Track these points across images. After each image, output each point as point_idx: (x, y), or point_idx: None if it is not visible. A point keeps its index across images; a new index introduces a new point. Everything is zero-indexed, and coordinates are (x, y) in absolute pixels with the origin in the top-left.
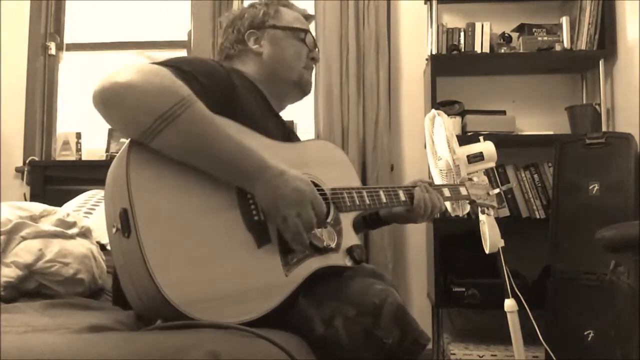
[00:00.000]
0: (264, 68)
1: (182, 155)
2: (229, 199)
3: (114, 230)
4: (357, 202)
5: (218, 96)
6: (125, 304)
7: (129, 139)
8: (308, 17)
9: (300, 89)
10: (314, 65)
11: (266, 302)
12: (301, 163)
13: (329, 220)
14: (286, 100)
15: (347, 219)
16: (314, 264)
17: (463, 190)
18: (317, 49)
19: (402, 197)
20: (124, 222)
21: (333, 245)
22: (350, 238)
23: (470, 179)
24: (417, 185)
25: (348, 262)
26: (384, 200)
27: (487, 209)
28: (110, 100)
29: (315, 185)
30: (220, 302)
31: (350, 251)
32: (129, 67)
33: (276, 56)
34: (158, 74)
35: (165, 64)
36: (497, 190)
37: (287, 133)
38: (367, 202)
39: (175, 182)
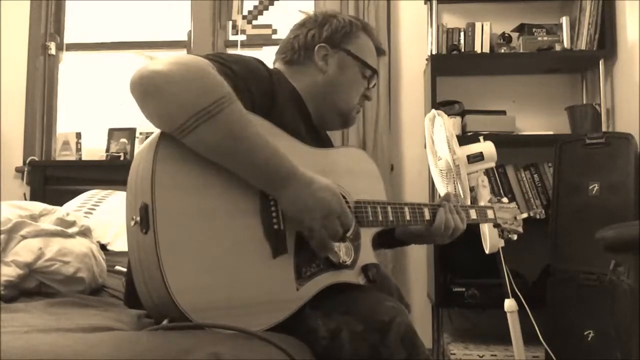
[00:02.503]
0: (319, 87)
1: (213, 154)
2: (252, 204)
3: (132, 222)
4: (380, 218)
5: (258, 96)
6: (136, 301)
7: (160, 131)
8: (380, 52)
9: (344, 121)
10: (363, 103)
11: (273, 317)
12: (329, 170)
13: (349, 234)
14: (326, 125)
15: (367, 235)
16: (326, 280)
17: (490, 213)
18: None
19: (427, 215)
20: (143, 218)
21: (349, 261)
22: (368, 255)
23: (499, 200)
24: (442, 204)
25: (361, 281)
26: (408, 218)
27: (510, 234)
28: (148, 91)
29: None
30: (228, 312)
31: (365, 269)
32: (171, 58)
33: (336, 82)
34: (200, 68)
35: (210, 57)
36: (524, 215)
37: (321, 141)
38: (391, 218)
39: (200, 181)
